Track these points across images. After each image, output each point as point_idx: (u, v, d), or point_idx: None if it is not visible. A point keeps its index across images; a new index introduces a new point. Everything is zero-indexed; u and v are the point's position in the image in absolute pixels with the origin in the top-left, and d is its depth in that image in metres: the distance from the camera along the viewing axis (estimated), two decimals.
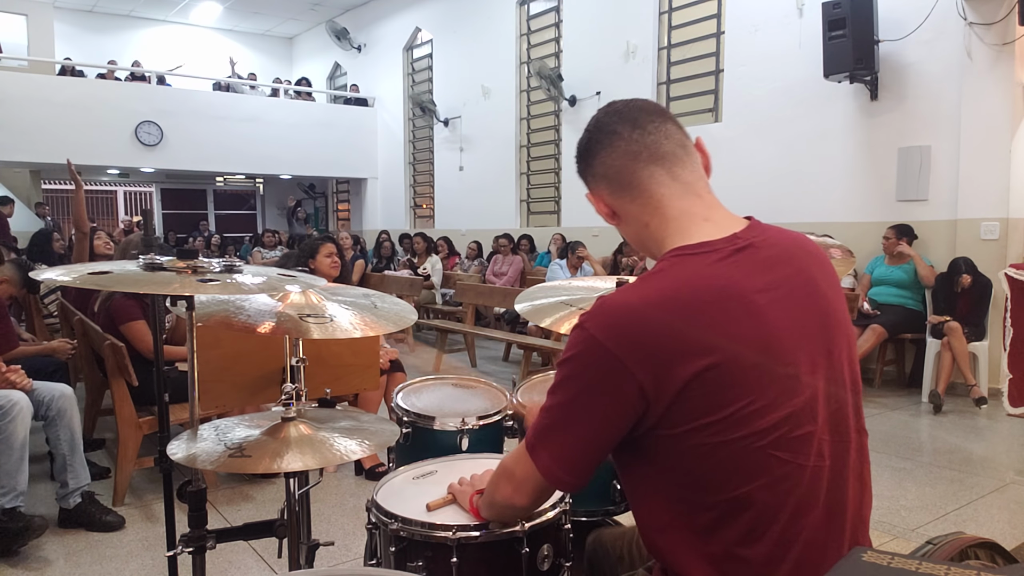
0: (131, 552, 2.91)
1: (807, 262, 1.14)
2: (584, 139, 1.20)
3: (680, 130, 1.18)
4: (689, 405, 1.01)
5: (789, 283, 1.09)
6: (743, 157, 7.17)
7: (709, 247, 1.08)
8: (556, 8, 9.42)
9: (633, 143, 1.14)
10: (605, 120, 1.18)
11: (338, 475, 3.77)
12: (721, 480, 1.03)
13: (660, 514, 1.09)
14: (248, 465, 1.52)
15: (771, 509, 1.04)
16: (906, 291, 5.74)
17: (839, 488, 1.10)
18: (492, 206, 10.42)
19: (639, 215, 1.16)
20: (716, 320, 1.02)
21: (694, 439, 1.02)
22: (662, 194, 1.14)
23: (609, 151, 1.16)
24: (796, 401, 1.04)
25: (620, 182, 1.16)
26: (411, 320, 1.82)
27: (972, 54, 5.50)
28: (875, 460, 1.18)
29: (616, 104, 1.19)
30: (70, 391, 3.13)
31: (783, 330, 1.06)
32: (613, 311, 1.03)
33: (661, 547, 1.11)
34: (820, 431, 1.07)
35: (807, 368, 1.07)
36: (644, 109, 1.17)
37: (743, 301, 1.04)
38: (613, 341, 1.01)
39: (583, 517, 1.79)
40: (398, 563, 1.39)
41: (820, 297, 1.12)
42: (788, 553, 1.04)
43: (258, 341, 2.02)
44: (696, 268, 1.06)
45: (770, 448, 1.02)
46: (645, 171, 1.14)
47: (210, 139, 11.69)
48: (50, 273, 1.50)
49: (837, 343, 1.13)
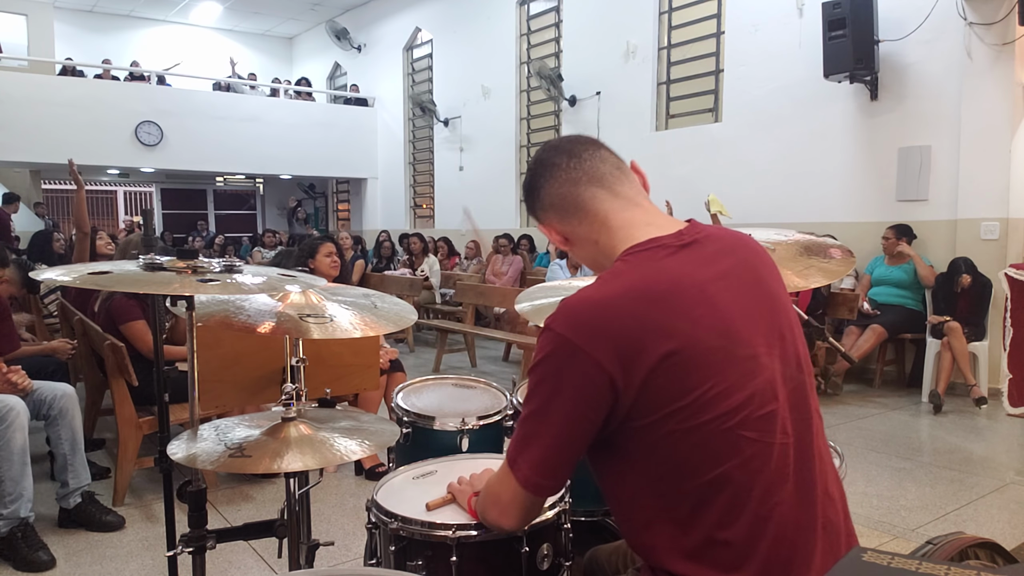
0: (131, 552, 2.91)
1: (747, 254, 1.22)
2: (528, 177, 1.30)
3: (613, 155, 1.28)
4: (656, 393, 1.05)
5: (735, 272, 1.17)
6: (743, 157, 7.18)
7: (657, 243, 1.16)
8: (556, 8, 9.42)
9: (571, 170, 1.24)
10: (544, 156, 1.28)
11: (338, 475, 3.77)
12: (695, 464, 1.07)
13: (640, 511, 1.13)
14: (248, 465, 1.52)
15: (744, 488, 1.08)
16: (906, 291, 5.74)
17: (806, 464, 1.14)
18: (492, 206, 10.42)
19: (588, 234, 1.24)
20: (674, 308, 1.08)
21: (665, 427, 1.06)
22: (606, 210, 1.22)
23: (551, 181, 1.25)
24: (757, 381, 1.10)
25: (566, 208, 1.25)
26: (411, 320, 1.82)
27: (972, 54, 5.50)
28: (875, 460, 1.19)
29: (552, 141, 1.30)
30: (72, 391, 3.13)
31: (737, 315, 1.12)
32: (576, 308, 1.09)
33: (645, 544, 1.14)
34: (782, 409, 1.12)
35: (764, 350, 1.13)
36: (578, 140, 1.28)
37: (697, 289, 1.11)
38: (579, 336, 1.06)
39: (583, 517, 1.79)
40: (398, 563, 1.39)
41: (765, 286, 1.20)
42: (765, 530, 1.08)
43: (258, 341, 2.02)
44: (649, 263, 1.13)
45: (738, 428, 1.07)
46: (587, 192, 1.23)
47: (210, 139, 11.68)
48: (50, 273, 1.50)
49: (786, 327, 1.19)
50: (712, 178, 7.37)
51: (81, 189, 4.47)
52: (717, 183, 7.27)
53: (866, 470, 3.83)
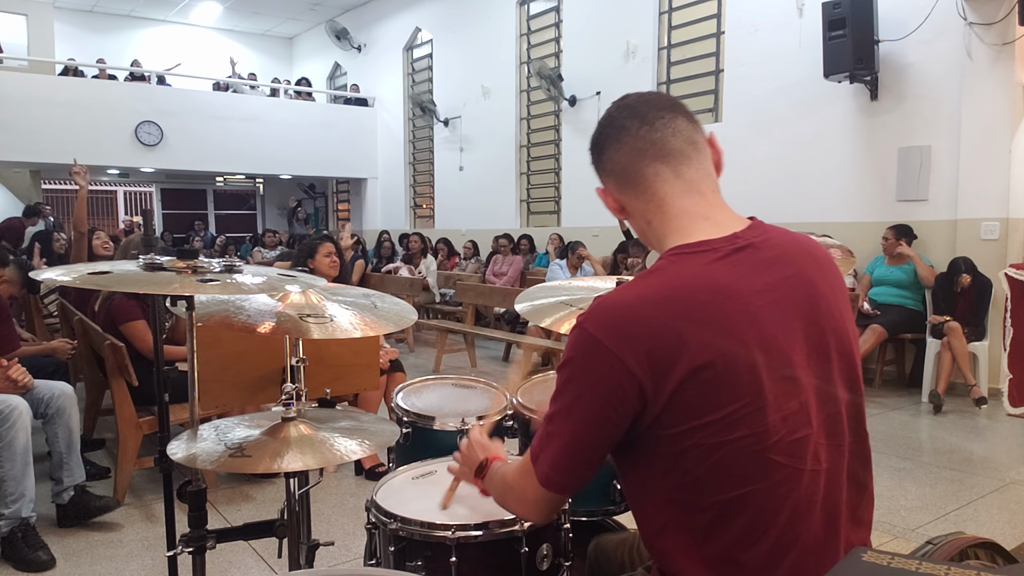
0: (131, 552, 2.91)
1: (807, 264, 1.13)
2: (596, 133, 1.20)
3: (691, 125, 1.16)
4: (685, 404, 1.01)
5: (787, 284, 1.09)
6: (743, 157, 7.17)
7: (708, 246, 1.08)
8: (556, 8, 9.41)
9: (640, 139, 1.13)
10: (616, 114, 1.17)
11: (338, 475, 3.77)
12: (718, 482, 1.03)
13: (657, 515, 1.10)
14: (248, 465, 1.52)
15: (768, 513, 1.03)
16: (906, 291, 5.74)
17: (834, 492, 1.10)
18: (492, 206, 10.42)
19: (643, 212, 1.16)
20: (712, 319, 1.02)
21: (691, 439, 1.02)
22: (665, 192, 1.14)
23: (617, 147, 1.15)
24: (792, 404, 1.04)
25: (626, 178, 1.16)
26: (411, 320, 1.82)
27: (972, 54, 5.49)
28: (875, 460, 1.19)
29: (629, 98, 1.18)
30: (70, 390, 3.13)
31: (779, 332, 1.05)
32: (610, 309, 1.04)
33: (660, 548, 1.11)
34: (816, 435, 1.07)
35: (803, 371, 1.07)
36: (654, 104, 1.15)
37: (740, 301, 1.04)
38: (611, 339, 1.01)
39: (583, 517, 1.79)
40: (397, 563, 1.39)
41: (820, 299, 1.11)
42: (785, 558, 1.04)
43: (258, 341, 2.02)
44: (694, 267, 1.06)
45: (769, 451, 1.02)
46: (650, 168, 1.13)
47: (210, 139, 11.68)
48: (50, 273, 1.50)
49: (836, 346, 1.12)
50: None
51: (83, 190, 4.47)
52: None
53: None
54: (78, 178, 4.44)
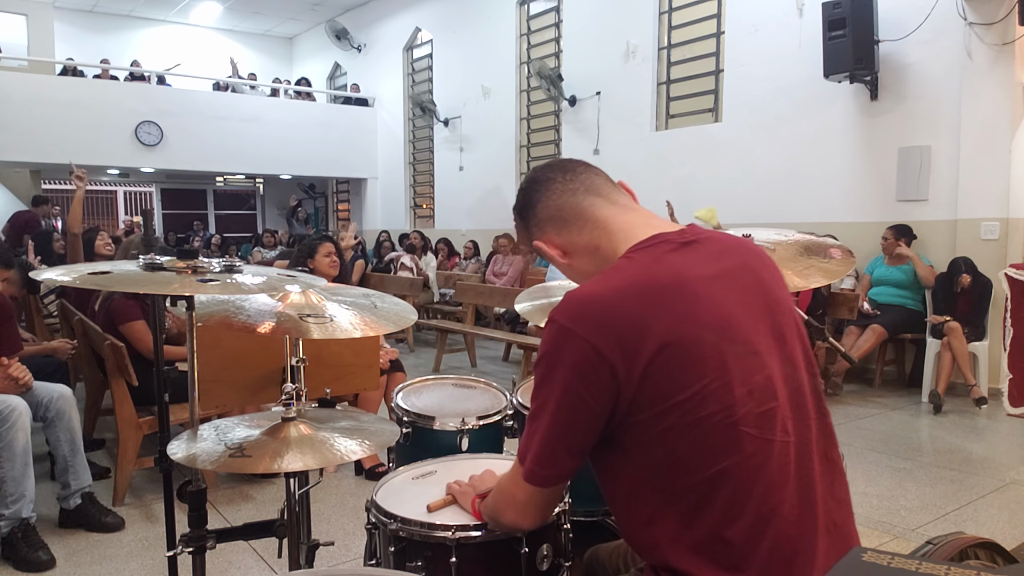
0: (131, 552, 2.91)
1: (749, 256, 1.23)
2: (521, 196, 1.33)
3: (603, 172, 1.31)
4: (656, 385, 1.06)
5: (736, 272, 1.18)
6: (743, 157, 7.17)
7: (661, 239, 1.17)
8: (556, 8, 9.41)
9: (568, 183, 1.27)
10: (537, 174, 1.31)
11: (338, 475, 3.77)
12: (697, 460, 1.08)
13: (642, 508, 1.13)
14: (248, 465, 1.52)
15: (745, 484, 1.08)
16: (906, 291, 5.74)
17: (806, 464, 1.14)
18: (492, 206, 10.42)
19: (589, 241, 1.25)
20: (674, 301, 1.09)
21: (666, 420, 1.07)
22: (606, 215, 1.24)
23: (548, 195, 1.27)
24: (756, 378, 1.10)
25: (563, 218, 1.26)
26: (411, 320, 1.82)
27: (972, 54, 5.50)
28: (875, 460, 1.19)
29: (546, 163, 1.34)
30: (69, 392, 3.13)
31: (737, 312, 1.13)
32: (579, 300, 1.11)
33: (647, 542, 1.14)
34: (782, 408, 1.12)
35: (765, 348, 1.13)
36: (569, 160, 1.32)
37: (698, 285, 1.12)
38: (583, 327, 1.07)
39: (583, 517, 1.79)
40: (397, 563, 1.39)
41: (765, 287, 1.21)
42: (766, 529, 1.08)
43: (258, 341, 2.02)
44: (651, 258, 1.15)
45: (740, 424, 1.08)
46: (585, 201, 1.25)
47: (210, 139, 11.68)
48: (50, 273, 1.50)
49: (788, 329, 1.20)
50: (712, 178, 7.38)
51: (80, 191, 4.47)
52: (717, 183, 7.28)
53: (866, 470, 3.82)
54: (78, 180, 4.44)
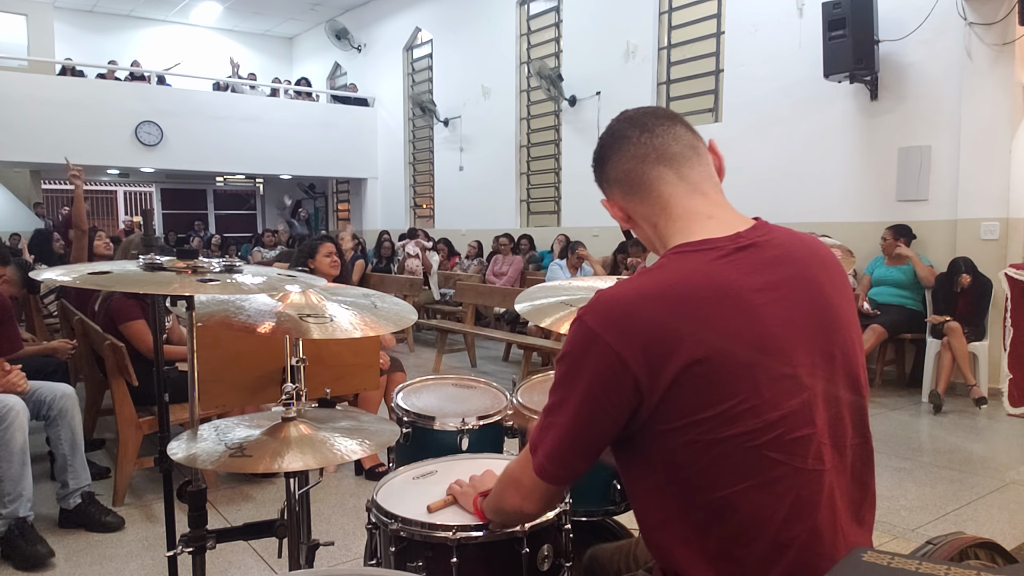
0: (131, 552, 2.91)
1: (811, 263, 1.14)
2: (598, 147, 1.23)
3: (690, 132, 1.19)
4: (681, 400, 1.02)
5: (789, 283, 1.09)
6: (743, 157, 7.16)
7: (710, 244, 1.09)
8: (556, 8, 9.41)
9: (641, 146, 1.17)
10: (616, 127, 1.21)
11: (338, 475, 3.77)
12: (714, 478, 1.03)
13: (656, 511, 1.11)
14: (248, 465, 1.52)
15: (763, 511, 1.03)
16: (906, 291, 5.74)
17: (837, 495, 1.10)
18: (492, 206, 10.42)
19: (648, 215, 1.18)
20: (710, 315, 1.02)
21: (687, 435, 1.03)
22: (669, 193, 1.16)
23: (619, 155, 1.19)
24: (793, 402, 1.04)
25: (630, 184, 1.18)
26: (411, 320, 1.82)
27: (972, 54, 5.49)
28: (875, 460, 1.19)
29: (628, 111, 1.22)
30: (71, 391, 3.13)
31: (780, 330, 1.06)
32: (609, 303, 1.05)
33: (660, 543, 1.12)
34: (819, 434, 1.06)
35: (806, 370, 1.06)
36: (654, 113, 1.20)
37: (739, 299, 1.05)
38: (609, 332, 1.03)
39: (583, 517, 1.79)
40: (398, 563, 1.39)
41: (823, 298, 1.12)
42: (782, 557, 1.04)
43: (258, 341, 2.02)
44: (695, 264, 1.08)
45: (765, 448, 1.02)
46: (653, 172, 1.16)
47: (210, 139, 11.68)
48: (50, 273, 1.50)
49: (840, 346, 1.12)
50: None
51: (79, 188, 4.46)
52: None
53: None
54: (75, 178, 4.43)
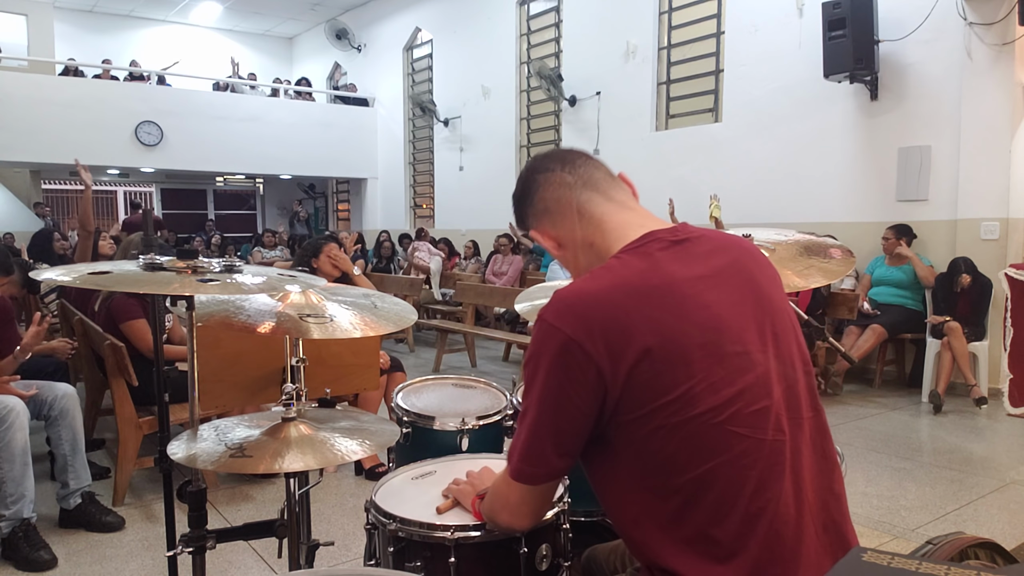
0: (131, 552, 2.91)
1: (741, 255, 1.22)
2: (520, 187, 1.33)
3: (604, 166, 1.30)
4: (641, 387, 1.06)
5: (728, 271, 1.17)
6: (743, 157, 7.17)
7: (652, 237, 1.17)
8: (556, 8, 9.41)
9: (565, 176, 1.27)
10: (536, 164, 1.31)
11: (338, 475, 3.77)
12: (684, 460, 1.07)
13: (629, 506, 1.13)
14: (249, 465, 1.52)
15: (734, 485, 1.07)
16: (906, 291, 5.74)
17: (800, 462, 1.14)
18: (492, 206, 10.41)
19: (583, 236, 1.25)
20: (661, 304, 1.09)
21: (653, 422, 1.07)
22: (601, 212, 1.25)
23: (546, 187, 1.28)
24: (748, 377, 1.10)
25: (560, 211, 1.27)
26: (411, 320, 1.82)
27: (972, 54, 5.50)
28: (875, 460, 1.19)
29: (541, 153, 1.34)
30: (72, 391, 3.13)
31: (727, 312, 1.12)
32: (567, 299, 1.10)
33: (637, 539, 1.14)
34: (776, 405, 1.12)
35: (757, 347, 1.13)
36: (570, 151, 1.31)
37: (687, 284, 1.12)
38: (569, 325, 1.08)
39: (582, 517, 1.79)
40: (397, 563, 1.39)
41: (758, 285, 1.20)
42: (756, 527, 1.07)
43: (258, 341, 2.02)
44: (641, 259, 1.15)
45: (728, 424, 1.07)
46: (583, 195, 1.25)
47: (210, 139, 11.68)
48: (50, 273, 1.50)
49: (782, 327, 1.19)
50: (712, 178, 7.37)
51: (88, 189, 4.50)
52: (717, 183, 7.27)
53: (866, 470, 3.83)
54: (84, 176, 4.47)
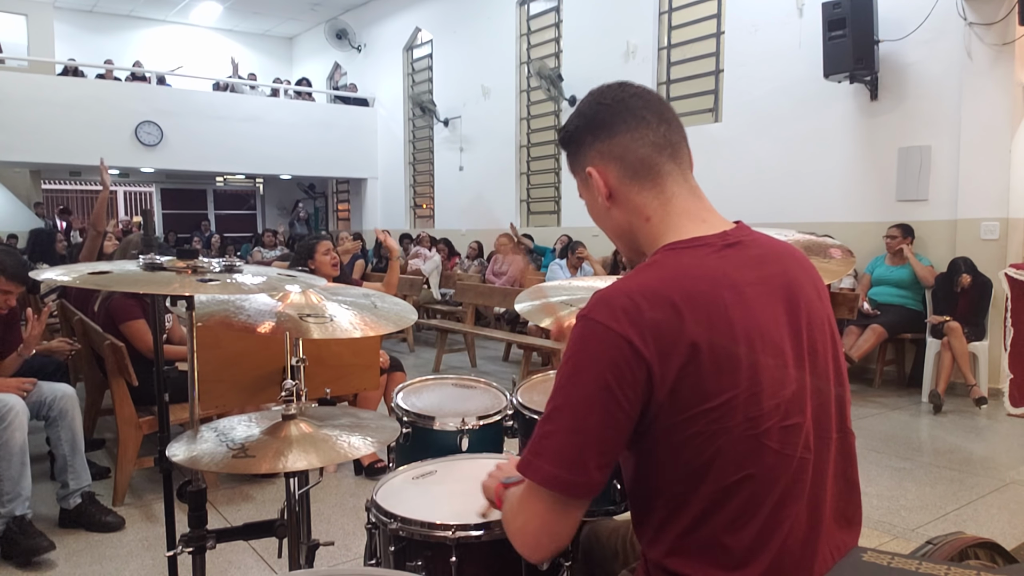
0: (131, 552, 2.91)
1: (790, 264, 1.17)
2: (602, 112, 1.15)
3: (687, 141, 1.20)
4: (688, 390, 1.01)
5: (774, 281, 1.12)
6: (743, 157, 7.17)
7: (701, 242, 1.11)
8: (556, 8, 9.42)
9: (661, 136, 1.13)
10: (631, 102, 1.15)
11: (338, 475, 3.77)
12: (719, 469, 1.04)
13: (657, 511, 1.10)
14: (252, 466, 1.51)
15: (757, 497, 1.05)
16: (906, 291, 5.74)
17: (820, 483, 1.12)
18: (492, 206, 10.41)
19: (643, 207, 1.15)
20: (710, 307, 1.03)
21: (693, 427, 1.02)
22: (674, 192, 1.15)
23: (633, 135, 1.13)
24: (785, 392, 1.06)
25: (636, 170, 1.14)
26: (411, 320, 1.82)
27: (972, 54, 5.50)
28: (875, 460, 1.19)
29: (635, 88, 1.17)
30: (72, 391, 3.13)
31: (771, 323, 1.08)
32: (614, 297, 1.03)
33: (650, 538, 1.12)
34: (807, 424, 1.09)
35: (794, 361, 1.09)
36: (665, 104, 1.17)
37: (735, 290, 1.06)
38: (617, 323, 1.00)
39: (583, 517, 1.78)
40: (397, 563, 1.39)
41: (803, 297, 1.14)
42: (770, 541, 1.05)
43: (258, 341, 2.02)
44: (690, 259, 1.09)
45: (763, 437, 1.04)
46: (667, 166, 1.14)
47: (210, 139, 11.68)
48: (50, 273, 1.50)
49: (821, 342, 1.15)
50: (712, 178, 7.37)
51: (105, 189, 4.54)
52: (717, 183, 7.27)
53: (866, 470, 3.82)
54: (105, 176, 4.54)
